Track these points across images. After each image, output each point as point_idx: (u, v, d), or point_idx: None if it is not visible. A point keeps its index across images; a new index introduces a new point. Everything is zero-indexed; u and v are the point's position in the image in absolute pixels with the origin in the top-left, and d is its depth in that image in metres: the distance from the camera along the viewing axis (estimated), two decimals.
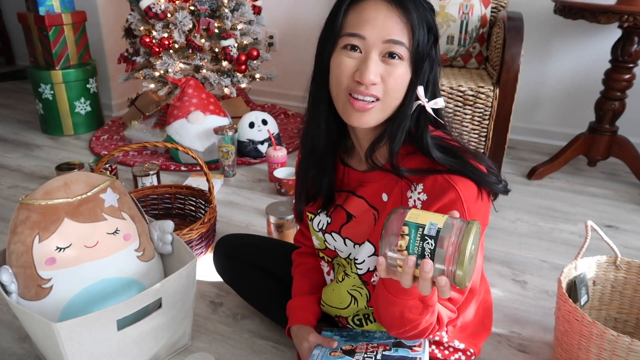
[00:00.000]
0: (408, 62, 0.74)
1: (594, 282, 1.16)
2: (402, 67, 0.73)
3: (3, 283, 0.95)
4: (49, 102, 2.43)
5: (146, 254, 1.09)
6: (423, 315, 0.74)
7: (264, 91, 3.09)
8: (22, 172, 2.10)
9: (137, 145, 1.42)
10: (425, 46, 0.73)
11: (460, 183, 0.73)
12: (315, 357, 0.94)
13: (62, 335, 0.88)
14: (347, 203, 0.90)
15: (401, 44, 0.72)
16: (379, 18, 0.72)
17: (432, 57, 0.75)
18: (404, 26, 0.72)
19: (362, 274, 0.89)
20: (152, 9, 2.15)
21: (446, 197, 0.73)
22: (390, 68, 0.73)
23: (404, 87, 0.75)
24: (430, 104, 0.76)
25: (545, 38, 2.35)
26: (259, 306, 1.22)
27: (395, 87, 0.74)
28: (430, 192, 0.75)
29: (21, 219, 0.96)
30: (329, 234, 0.95)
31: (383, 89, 0.74)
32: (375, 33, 0.72)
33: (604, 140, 2.00)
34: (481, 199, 0.75)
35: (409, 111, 0.76)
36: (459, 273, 0.60)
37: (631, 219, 1.78)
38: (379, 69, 0.73)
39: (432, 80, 0.77)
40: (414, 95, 0.75)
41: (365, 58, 0.73)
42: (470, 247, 0.60)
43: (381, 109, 0.76)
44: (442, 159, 0.75)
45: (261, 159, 2.21)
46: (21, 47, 3.73)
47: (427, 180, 0.76)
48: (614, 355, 0.92)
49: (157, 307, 1.02)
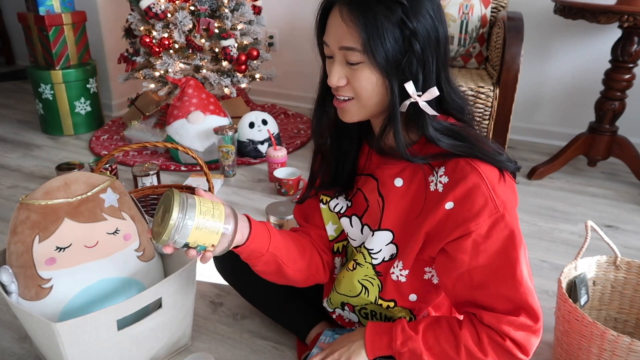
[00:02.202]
0: (369, 64, 0.73)
1: (594, 282, 1.16)
2: (365, 70, 0.74)
3: (3, 283, 0.95)
4: (49, 102, 2.43)
5: (146, 254, 1.09)
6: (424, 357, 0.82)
7: (264, 91, 3.09)
8: (22, 172, 2.10)
9: (137, 145, 1.42)
10: (392, 44, 0.71)
11: (482, 166, 0.75)
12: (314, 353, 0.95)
13: (62, 335, 0.88)
14: (365, 187, 0.90)
15: (353, 50, 0.73)
16: (335, 25, 0.74)
17: (416, 50, 0.72)
18: (354, 31, 0.72)
19: (376, 264, 0.88)
20: (152, 9, 2.15)
21: (469, 180, 0.74)
22: (352, 72, 0.75)
23: (374, 87, 0.75)
24: (423, 98, 0.75)
25: (545, 38, 2.35)
26: (260, 305, 1.22)
27: (363, 87, 0.76)
28: (452, 174, 0.76)
29: (21, 219, 0.96)
30: (348, 218, 0.94)
31: (352, 90, 0.77)
32: (332, 41, 0.75)
33: (604, 140, 2.00)
34: (504, 181, 0.76)
35: (396, 104, 0.75)
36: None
37: (631, 219, 1.78)
38: (343, 72, 0.76)
39: (428, 75, 0.75)
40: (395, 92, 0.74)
41: (331, 63, 0.78)
42: (159, 214, 0.74)
43: (359, 106, 0.79)
44: (451, 146, 0.76)
45: (261, 159, 2.21)
46: (21, 47, 3.73)
47: (449, 164, 0.77)
48: (614, 355, 0.92)
49: (157, 307, 1.02)
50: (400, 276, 0.87)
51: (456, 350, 0.80)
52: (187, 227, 0.71)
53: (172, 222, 0.70)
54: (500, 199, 0.74)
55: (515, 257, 0.76)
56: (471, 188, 0.74)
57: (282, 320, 1.18)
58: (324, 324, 1.10)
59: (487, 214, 0.74)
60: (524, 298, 0.76)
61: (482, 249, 0.76)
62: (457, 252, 0.77)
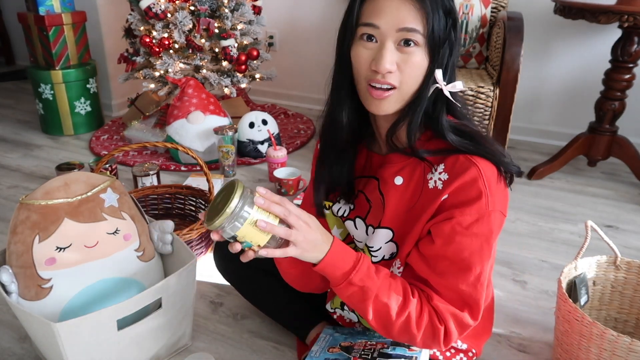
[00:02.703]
0: (424, 48, 0.74)
1: (594, 282, 1.16)
2: (419, 54, 0.74)
3: (3, 283, 0.95)
4: (49, 102, 2.43)
5: (146, 254, 1.09)
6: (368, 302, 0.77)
7: (264, 91, 3.09)
8: (22, 172, 2.10)
9: (137, 145, 1.42)
10: (442, 30, 0.74)
11: (481, 162, 0.75)
12: (314, 353, 0.94)
13: (62, 335, 0.88)
14: (367, 188, 0.91)
15: (415, 31, 0.73)
16: (392, 6, 0.73)
17: (452, 40, 0.75)
18: (417, 13, 0.72)
19: (376, 262, 0.88)
20: (152, 9, 2.15)
21: (467, 175, 0.75)
22: (406, 56, 0.74)
23: (421, 74, 0.76)
24: (448, 87, 0.76)
25: (545, 38, 2.35)
26: (260, 305, 1.22)
27: (411, 75, 0.75)
28: (451, 171, 0.77)
29: (21, 219, 0.96)
30: (352, 221, 0.94)
31: (400, 77, 0.75)
32: (388, 22, 0.73)
33: (604, 140, 2.00)
34: (500, 182, 0.77)
35: (426, 94, 0.77)
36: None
37: (631, 219, 1.78)
38: (394, 57, 0.74)
39: (452, 63, 0.77)
40: (431, 80, 0.76)
41: (381, 47, 0.74)
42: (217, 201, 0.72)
43: (398, 97, 0.77)
44: (457, 142, 0.77)
45: (261, 159, 2.21)
46: (21, 47, 3.73)
47: (448, 160, 0.78)
48: (614, 355, 0.92)
49: (157, 307, 1.02)
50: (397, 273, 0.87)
51: (399, 312, 0.77)
52: (241, 219, 0.70)
53: (228, 210, 0.69)
54: (493, 198, 0.75)
55: (483, 258, 0.77)
56: (468, 181, 0.75)
57: (282, 320, 1.18)
58: (324, 324, 1.10)
59: (475, 209, 0.75)
60: (476, 299, 0.78)
61: (457, 239, 0.76)
62: (435, 232, 0.78)
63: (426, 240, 0.80)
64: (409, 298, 0.78)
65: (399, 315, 0.77)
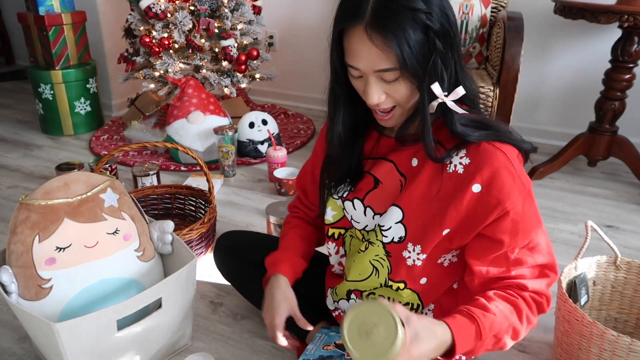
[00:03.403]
0: (406, 76, 0.75)
1: (594, 282, 1.16)
2: (402, 82, 0.76)
3: (3, 283, 0.95)
4: (49, 102, 2.43)
5: (146, 254, 1.09)
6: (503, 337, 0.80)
7: (264, 91, 3.09)
8: (22, 172, 2.10)
9: (137, 145, 1.42)
10: (419, 52, 0.72)
11: (504, 146, 0.78)
12: (309, 350, 0.95)
13: (62, 335, 0.88)
14: (375, 168, 0.91)
15: (390, 70, 0.74)
16: (363, 51, 0.74)
17: (441, 50, 0.74)
18: (386, 52, 0.72)
19: (386, 242, 0.88)
20: (152, 9, 2.15)
21: (496, 161, 0.76)
22: (390, 86, 0.77)
23: (412, 92, 0.78)
24: (450, 97, 0.76)
25: (545, 38, 2.35)
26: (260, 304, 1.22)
27: (403, 96, 0.78)
28: (474, 156, 0.78)
29: (21, 219, 0.96)
30: (350, 201, 0.94)
31: (394, 100, 0.79)
32: (366, 65, 0.76)
33: (604, 140, 2.00)
34: (521, 161, 0.81)
35: (427, 110, 0.77)
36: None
37: (631, 219, 1.78)
38: (381, 88, 0.78)
39: (451, 69, 0.77)
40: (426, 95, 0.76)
41: (366, 83, 0.78)
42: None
43: (402, 112, 0.82)
44: (480, 138, 0.78)
45: (261, 159, 2.21)
46: (21, 47, 3.72)
47: (471, 145, 0.79)
48: (614, 355, 0.92)
49: (157, 307, 1.02)
50: (417, 260, 0.87)
51: (520, 321, 0.81)
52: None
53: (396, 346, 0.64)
54: (524, 176, 0.78)
55: (541, 225, 0.82)
56: (498, 168, 0.76)
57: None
58: (323, 324, 1.10)
59: (517, 192, 0.77)
60: (552, 261, 0.83)
61: (520, 227, 0.79)
62: (497, 233, 0.79)
63: (484, 245, 0.82)
64: (517, 306, 0.81)
65: (522, 323, 0.81)
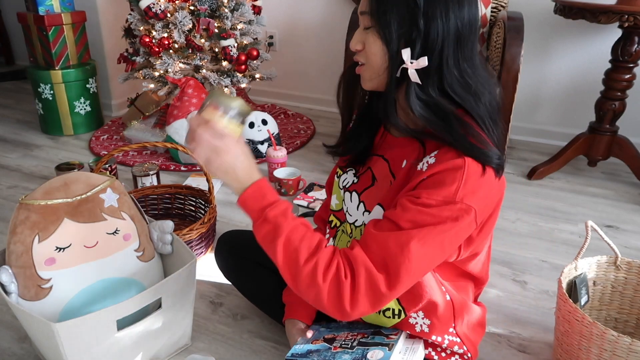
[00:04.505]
0: (377, 30, 0.77)
1: (594, 282, 1.16)
2: (373, 34, 0.78)
3: (3, 283, 0.95)
4: (49, 102, 2.43)
5: (146, 254, 1.09)
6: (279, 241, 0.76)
7: (264, 91, 3.09)
8: (22, 172, 2.10)
9: (137, 145, 1.42)
10: (397, 15, 0.74)
11: (469, 159, 0.74)
12: (299, 344, 0.98)
13: (61, 335, 0.88)
14: (375, 165, 0.93)
15: (364, 13, 0.78)
16: None
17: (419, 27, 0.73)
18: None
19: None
20: (152, 8, 2.15)
21: (451, 163, 0.74)
22: (366, 36, 0.79)
23: (382, 54, 0.78)
24: (413, 65, 0.75)
25: (545, 38, 2.35)
26: (260, 304, 1.22)
27: (371, 53, 0.79)
28: (440, 158, 0.76)
29: (21, 219, 0.96)
30: (350, 193, 0.96)
31: (365, 55, 0.81)
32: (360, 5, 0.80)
33: (604, 140, 2.00)
34: (482, 177, 0.75)
35: (393, 74, 0.78)
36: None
37: (631, 219, 1.78)
38: (361, 37, 0.80)
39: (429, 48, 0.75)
40: (394, 59, 0.77)
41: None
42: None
43: (371, 73, 0.81)
44: (426, 121, 0.77)
45: (261, 159, 2.21)
46: (21, 47, 3.72)
47: (442, 149, 0.78)
48: (614, 355, 0.92)
49: (157, 307, 1.02)
50: None
51: (308, 258, 0.75)
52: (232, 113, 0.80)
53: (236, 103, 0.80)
54: (467, 191, 0.74)
55: (428, 240, 0.74)
56: (449, 169, 0.74)
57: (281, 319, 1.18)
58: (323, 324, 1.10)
59: (443, 194, 0.74)
60: (397, 265, 0.73)
61: (412, 210, 0.75)
62: (397, 204, 0.78)
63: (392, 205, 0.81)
64: (321, 247, 0.76)
65: (307, 262, 0.75)
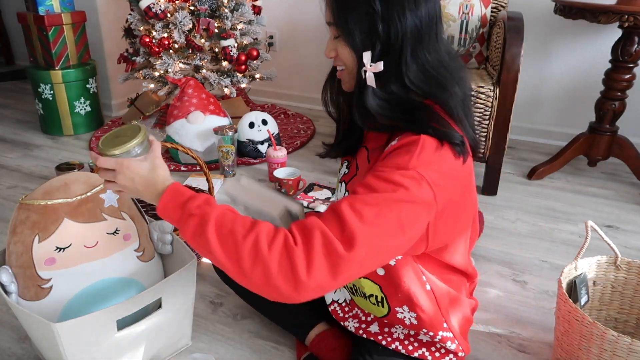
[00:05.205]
0: (343, 37, 0.81)
1: (594, 282, 1.16)
2: (341, 42, 0.82)
3: (3, 283, 0.95)
4: (49, 102, 2.43)
5: (146, 254, 1.09)
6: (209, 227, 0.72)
7: (264, 91, 3.09)
8: (22, 172, 2.10)
9: None
10: (350, 12, 0.78)
11: (427, 135, 0.77)
12: None
13: (61, 335, 0.88)
14: (359, 156, 0.96)
15: (330, 24, 0.83)
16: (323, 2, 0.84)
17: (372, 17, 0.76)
18: (329, 8, 0.81)
19: None
20: (152, 9, 2.15)
21: (409, 139, 0.77)
22: (337, 44, 0.83)
23: (351, 59, 0.82)
24: (370, 69, 0.79)
25: (545, 38, 2.35)
26: (259, 307, 1.22)
27: (345, 58, 0.83)
28: (402, 138, 0.79)
29: (21, 219, 0.96)
30: (341, 183, 1.00)
31: (341, 62, 0.85)
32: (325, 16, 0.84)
33: (604, 140, 2.00)
34: (439, 151, 0.76)
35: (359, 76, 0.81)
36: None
37: (631, 219, 1.78)
38: (333, 45, 0.84)
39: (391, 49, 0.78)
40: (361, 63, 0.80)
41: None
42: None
43: (349, 75, 0.85)
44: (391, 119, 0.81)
45: (261, 159, 2.21)
46: (21, 47, 3.72)
47: (405, 133, 0.80)
48: (614, 355, 0.92)
49: (157, 307, 1.02)
50: None
51: (246, 233, 0.70)
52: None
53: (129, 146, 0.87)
54: (419, 160, 0.74)
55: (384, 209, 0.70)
56: (405, 144, 0.77)
57: (281, 321, 1.18)
58: (323, 325, 1.10)
59: (396, 163, 0.74)
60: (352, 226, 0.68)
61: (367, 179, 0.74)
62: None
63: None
64: (258, 223, 0.71)
65: (245, 238, 0.69)
